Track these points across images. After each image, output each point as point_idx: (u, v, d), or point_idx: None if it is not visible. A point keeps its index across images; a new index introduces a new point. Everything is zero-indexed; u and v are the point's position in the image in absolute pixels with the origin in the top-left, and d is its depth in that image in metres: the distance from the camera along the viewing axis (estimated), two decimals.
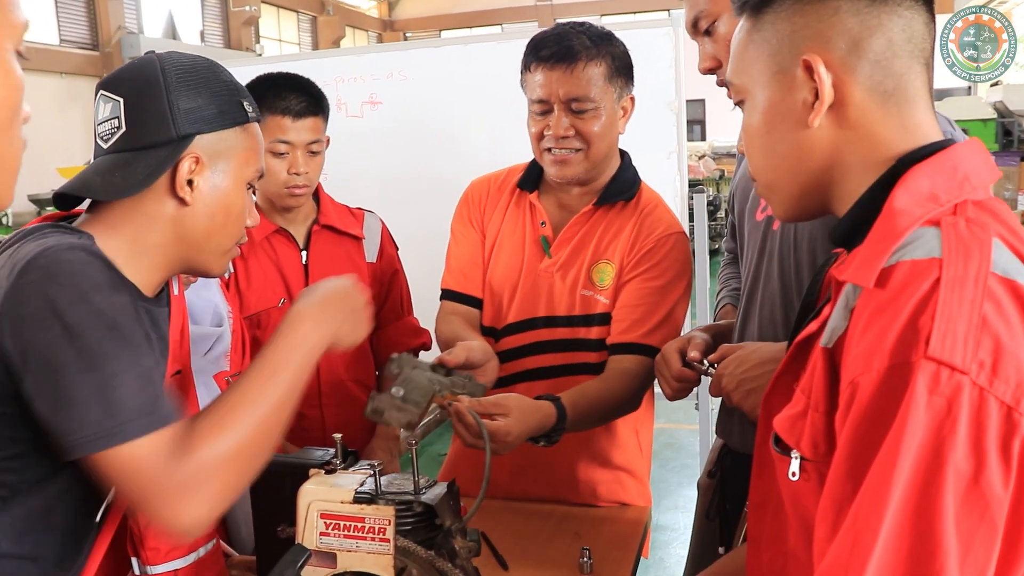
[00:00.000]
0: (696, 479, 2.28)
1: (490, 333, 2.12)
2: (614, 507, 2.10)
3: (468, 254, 2.14)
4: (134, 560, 1.49)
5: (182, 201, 1.32)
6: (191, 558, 1.50)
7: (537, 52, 1.93)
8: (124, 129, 1.31)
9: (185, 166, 1.31)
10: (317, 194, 2.35)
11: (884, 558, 0.80)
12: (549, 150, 1.97)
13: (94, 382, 1.12)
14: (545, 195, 2.10)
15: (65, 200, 1.37)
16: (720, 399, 1.67)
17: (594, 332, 2.02)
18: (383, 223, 2.46)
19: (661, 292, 1.97)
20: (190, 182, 1.32)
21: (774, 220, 1.75)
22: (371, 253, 2.39)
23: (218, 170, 1.35)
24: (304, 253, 2.30)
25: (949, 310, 0.82)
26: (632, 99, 2.01)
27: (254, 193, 1.44)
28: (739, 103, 1.11)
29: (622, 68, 1.97)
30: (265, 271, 2.26)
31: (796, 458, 0.97)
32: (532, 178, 2.10)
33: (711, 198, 12.97)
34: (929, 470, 0.79)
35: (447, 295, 2.16)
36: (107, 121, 1.33)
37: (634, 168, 2.09)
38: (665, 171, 3.18)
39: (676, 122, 3.21)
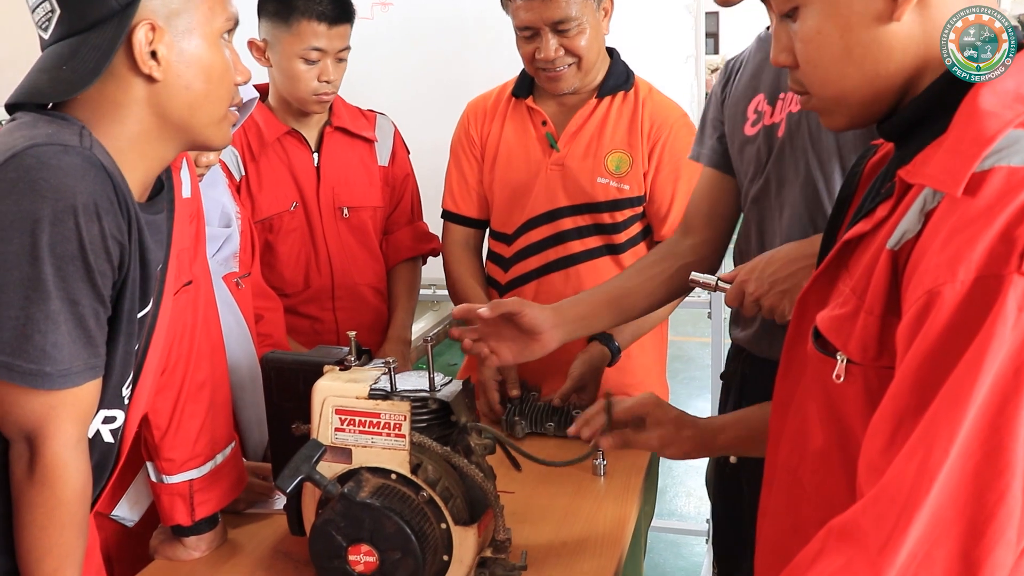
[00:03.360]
0: (705, 390, 2.27)
1: (501, 238, 2.18)
2: None
3: (463, 176, 2.23)
4: (149, 465, 1.48)
5: (150, 78, 1.16)
6: (207, 467, 1.49)
7: None
8: (58, 11, 1.13)
9: (141, 36, 1.13)
10: None
11: (950, 475, 0.77)
12: (543, 69, 2.02)
13: (23, 314, 1.06)
14: (541, 98, 2.15)
15: (20, 111, 1.18)
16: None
17: (618, 216, 2.08)
18: (395, 126, 2.42)
19: (689, 177, 2.00)
20: (153, 54, 1.15)
21: (778, 127, 1.62)
22: (383, 156, 2.36)
23: (182, 31, 1.17)
24: (316, 155, 2.26)
25: None
26: None
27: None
28: (789, 12, 0.98)
29: None
30: (277, 174, 2.22)
31: (842, 360, 0.93)
32: (526, 85, 2.16)
33: None
34: (1007, 389, 0.76)
35: (446, 215, 2.28)
36: (38, 6, 1.15)
37: (623, 61, 2.14)
38: (682, 77, 3.08)
39: (694, 25, 3.09)
